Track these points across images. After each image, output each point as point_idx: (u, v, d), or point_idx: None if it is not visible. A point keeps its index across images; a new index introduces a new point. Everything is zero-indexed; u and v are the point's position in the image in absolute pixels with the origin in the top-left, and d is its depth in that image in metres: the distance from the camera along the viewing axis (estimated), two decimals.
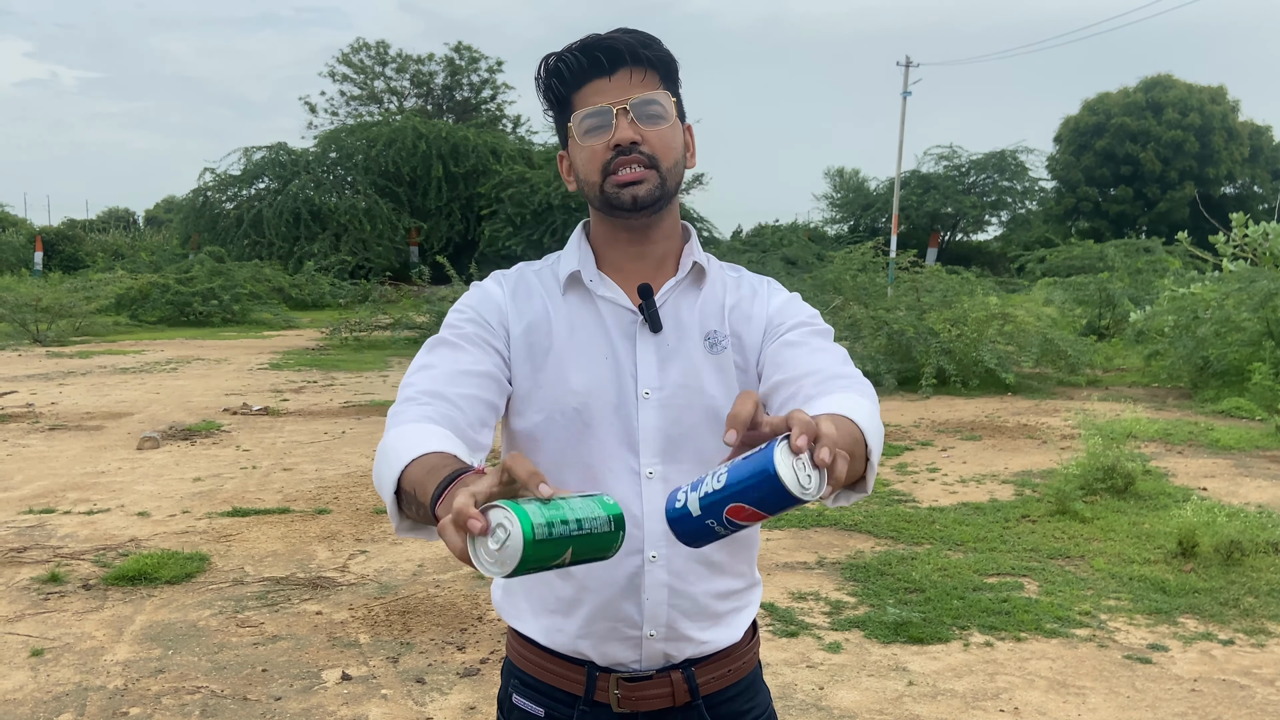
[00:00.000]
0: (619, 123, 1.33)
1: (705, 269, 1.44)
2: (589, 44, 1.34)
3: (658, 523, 1.36)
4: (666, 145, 1.35)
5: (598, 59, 1.33)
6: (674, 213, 1.43)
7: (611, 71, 1.33)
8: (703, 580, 1.40)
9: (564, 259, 1.45)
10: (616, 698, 1.40)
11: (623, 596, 1.38)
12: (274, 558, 4.96)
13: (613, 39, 1.34)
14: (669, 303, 1.41)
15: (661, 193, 1.36)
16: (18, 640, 3.92)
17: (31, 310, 15.54)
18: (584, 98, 1.35)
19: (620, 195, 1.34)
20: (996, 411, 9.54)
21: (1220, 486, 6.53)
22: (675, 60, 1.39)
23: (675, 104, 1.38)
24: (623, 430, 1.37)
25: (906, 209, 35.03)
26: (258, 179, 28.23)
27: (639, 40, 1.35)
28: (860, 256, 14.28)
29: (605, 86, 1.34)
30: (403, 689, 3.53)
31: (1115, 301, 14.36)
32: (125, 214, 54.01)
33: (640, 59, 1.34)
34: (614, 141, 1.33)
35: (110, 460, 7.10)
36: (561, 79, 1.36)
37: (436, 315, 15.13)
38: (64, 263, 28.98)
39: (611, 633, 1.39)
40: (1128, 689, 3.58)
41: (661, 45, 1.37)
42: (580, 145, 1.36)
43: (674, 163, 1.36)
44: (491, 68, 38.64)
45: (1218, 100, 35.43)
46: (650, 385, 1.38)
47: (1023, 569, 4.83)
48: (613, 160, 1.33)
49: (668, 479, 1.37)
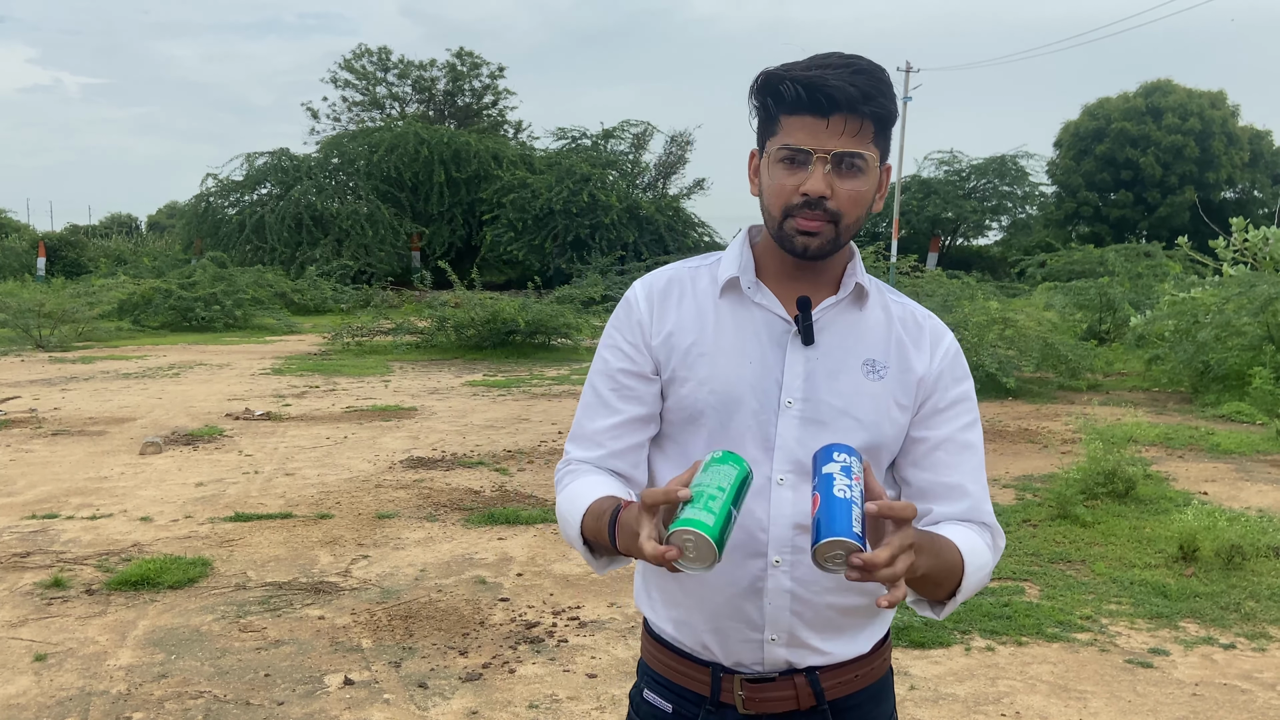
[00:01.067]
0: (815, 170, 1.32)
1: (866, 290, 1.44)
2: (814, 83, 1.30)
3: (783, 529, 1.37)
4: (854, 202, 1.34)
5: (818, 100, 1.30)
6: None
7: (828, 115, 1.31)
8: (828, 593, 1.40)
9: (724, 262, 1.46)
10: (741, 699, 1.42)
11: (744, 598, 1.39)
12: (276, 563, 4.97)
13: (838, 86, 1.29)
14: (826, 319, 1.41)
15: (834, 246, 1.37)
16: (21, 645, 3.93)
17: (34, 315, 15.56)
18: (791, 127, 1.33)
19: (794, 241, 1.36)
20: (997, 416, 9.55)
21: (1221, 491, 6.54)
22: (896, 111, 1.36)
23: (880, 153, 1.36)
24: (760, 435, 1.38)
25: (907, 214, 35.03)
26: (260, 184, 28.25)
27: (863, 92, 1.30)
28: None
29: (815, 125, 1.31)
30: (405, 694, 3.54)
31: (1116, 306, 14.36)
32: (128, 219, 54.08)
33: (858, 110, 1.31)
34: (805, 189, 1.32)
35: (113, 465, 7.11)
36: (776, 100, 1.34)
37: (438, 320, 15.16)
38: (67, 268, 28.98)
39: (733, 632, 1.41)
40: (1129, 693, 3.58)
41: (885, 97, 1.33)
42: (773, 170, 1.36)
43: (855, 218, 1.36)
44: (493, 73, 38.69)
45: (1217, 105, 35.43)
46: (794, 396, 1.39)
47: (1024, 573, 4.84)
48: (798, 206, 1.33)
49: (798, 488, 1.38)
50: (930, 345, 1.46)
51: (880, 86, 1.32)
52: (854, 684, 1.45)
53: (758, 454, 1.38)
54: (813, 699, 1.42)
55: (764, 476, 1.38)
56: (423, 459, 7.39)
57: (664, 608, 1.48)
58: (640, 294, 1.46)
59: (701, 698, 1.44)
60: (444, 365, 13.58)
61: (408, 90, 38.93)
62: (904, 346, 1.45)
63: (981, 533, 1.43)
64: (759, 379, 1.39)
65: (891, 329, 1.45)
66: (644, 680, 1.53)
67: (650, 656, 1.52)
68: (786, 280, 1.42)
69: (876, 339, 1.43)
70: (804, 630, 1.40)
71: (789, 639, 1.40)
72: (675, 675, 1.47)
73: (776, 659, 1.41)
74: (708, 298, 1.44)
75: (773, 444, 1.38)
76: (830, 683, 1.42)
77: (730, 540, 1.24)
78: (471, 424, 8.91)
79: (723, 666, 1.42)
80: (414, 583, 4.69)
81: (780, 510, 1.38)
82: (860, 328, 1.43)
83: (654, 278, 1.49)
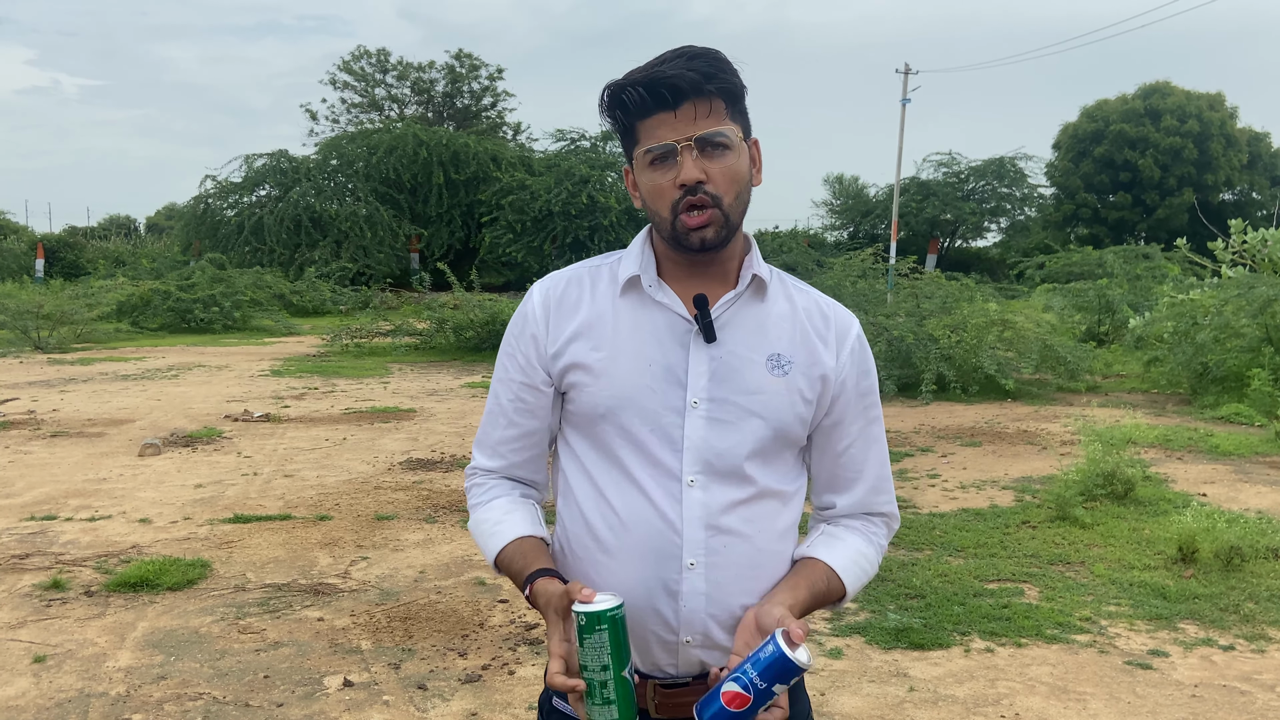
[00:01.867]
0: (684, 160, 1.33)
1: (766, 282, 1.44)
2: (654, 79, 1.32)
3: (697, 531, 1.38)
4: (731, 179, 1.35)
5: (661, 95, 1.32)
6: (738, 232, 1.44)
7: (676, 106, 1.32)
8: (743, 594, 1.40)
9: (625, 261, 1.46)
10: (654, 704, 1.42)
11: (658, 600, 1.39)
12: (275, 564, 4.97)
13: (677, 75, 1.31)
14: (727, 315, 1.41)
15: (727, 231, 1.37)
16: (20, 647, 3.93)
17: (33, 317, 15.55)
18: (649, 129, 1.35)
19: (689, 238, 1.36)
20: (996, 418, 9.55)
21: (1220, 492, 6.54)
22: (742, 85, 1.38)
23: (740, 128, 1.38)
24: (666, 437, 1.38)
25: (906, 215, 35.04)
26: (259, 186, 28.26)
27: (703, 73, 1.32)
28: (860, 263, 14.32)
29: (670, 119, 1.33)
30: (404, 695, 3.54)
31: (1114, 308, 14.38)
32: (127, 221, 54.05)
33: (704, 92, 1.33)
34: (680, 181, 1.33)
35: (112, 467, 7.11)
36: (625, 110, 1.36)
37: (437, 322, 15.16)
38: (65, 270, 28.98)
39: (647, 635, 1.40)
40: (1128, 695, 3.58)
41: (726, 73, 1.35)
42: (646, 176, 1.37)
43: (737, 195, 1.37)
44: (492, 75, 38.76)
45: (1216, 107, 35.47)
46: (700, 395, 1.38)
47: (1023, 575, 4.84)
48: (680, 200, 1.34)
49: (709, 488, 1.38)
50: (837, 340, 1.46)
51: (718, 65, 1.34)
52: None
53: (666, 455, 1.38)
54: None
55: (674, 478, 1.38)
56: (422, 460, 7.39)
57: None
58: (537, 301, 1.46)
59: None
60: (443, 367, 13.58)
61: (406, 92, 38.99)
62: (810, 340, 1.44)
63: (874, 531, 1.53)
64: (662, 380, 1.38)
65: (797, 321, 1.45)
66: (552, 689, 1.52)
67: None
68: (686, 278, 1.42)
69: (781, 333, 1.43)
70: (718, 631, 1.40)
71: (704, 640, 1.40)
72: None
73: (691, 661, 1.41)
74: (607, 298, 1.43)
75: (680, 445, 1.38)
76: None
77: (644, 545, 1.38)
78: (470, 425, 8.91)
79: (637, 670, 1.42)
80: (413, 584, 4.69)
81: (692, 513, 1.38)
82: (764, 322, 1.43)
83: (553, 280, 1.49)
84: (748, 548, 1.40)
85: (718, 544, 1.38)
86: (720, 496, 1.38)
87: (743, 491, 1.40)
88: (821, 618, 4.28)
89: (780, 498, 1.44)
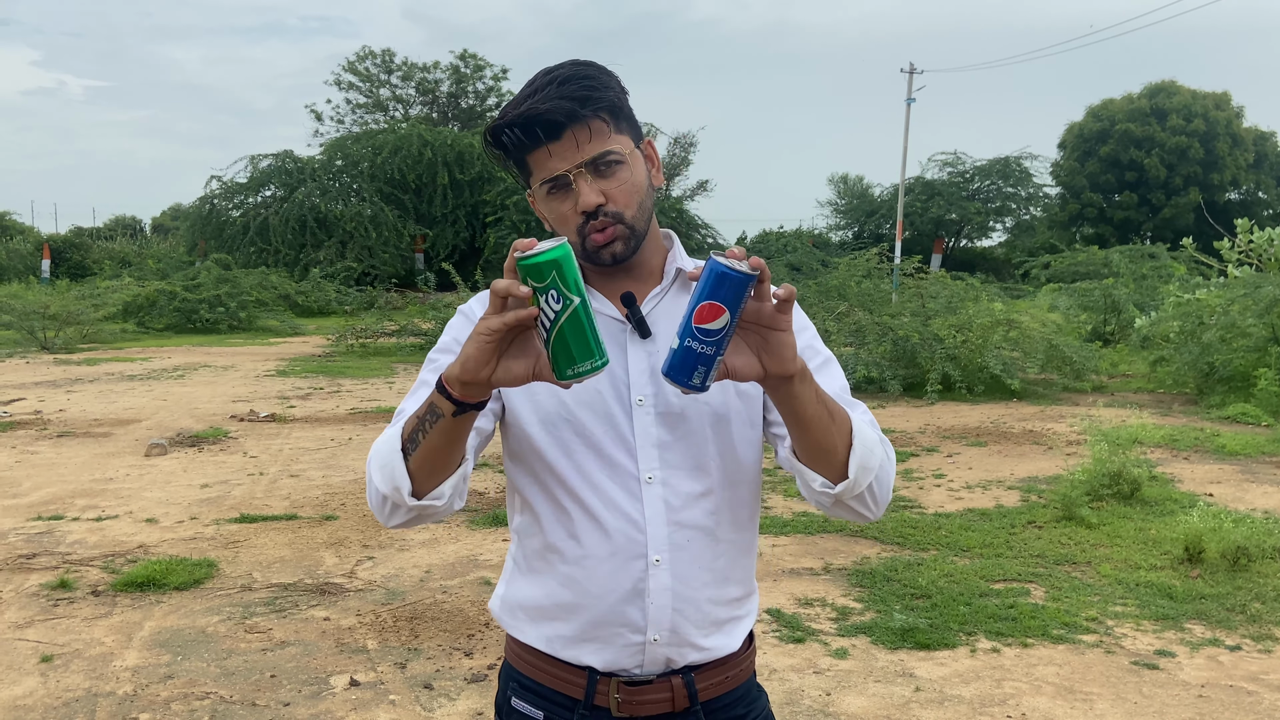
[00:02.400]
0: (579, 187, 1.33)
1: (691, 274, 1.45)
2: (529, 118, 1.31)
3: (660, 527, 1.38)
4: (629, 194, 1.36)
5: (535, 133, 1.32)
6: (653, 233, 1.45)
7: (557, 138, 1.32)
8: (707, 586, 1.41)
9: None
10: (617, 702, 1.41)
11: (626, 601, 1.38)
12: (282, 564, 4.98)
13: (551, 108, 1.30)
14: (657, 310, 1.42)
15: (635, 240, 1.38)
16: (27, 646, 3.94)
17: (39, 318, 15.59)
18: (538, 161, 1.35)
19: (601, 255, 1.37)
20: (1002, 417, 9.54)
21: (1226, 492, 6.53)
22: (622, 92, 1.37)
23: (629, 137, 1.37)
24: (618, 438, 1.38)
25: (911, 215, 35.02)
26: (264, 187, 28.29)
27: (577, 98, 1.31)
28: (864, 263, 14.29)
29: (557, 149, 1.33)
30: (410, 695, 3.54)
31: (1120, 307, 14.35)
32: (132, 222, 54.18)
33: (580, 117, 1.32)
34: (580, 209, 1.34)
35: (118, 467, 7.12)
36: (507, 149, 1.36)
37: (441, 322, 15.15)
38: (71, 270, 29.04)
39: (614, 638, 1.40)
40: (1135, 695, 3.58)
41: (601, 89, 1.33)
42: (547, 205, 1.37)
43: (639, 205, 1.37)
44: (497, 75, 38.77)
45: (1222, 106, 35.42)
46: (644, 393, 1.39)
47: (1029, 575, 4.83)
48: (585, 224, 1.35)
49: (668, 483, 1.38)
50: None
51: (591, 85, 1.33)
52: (725, 685, 1.46)
53: (621, 456, 1.38)
54: (687, 700, 1.42)
55: (631, 477, 1.38)
56: None
57: (532, 625, 1.45)
58: (477, 308, 1.45)
59: (575, 701, 1.42)
60: None
61: (411, 92, 39.02)
62: None
63: (850, 407, 1.39)
64: (605, 383, 1.38)
65: None
66: (510, 687, 1.49)
67: (517, 659, 1.48)
68: (613, 281, 1.42)
69: None
70: (686, 627, 1.40)
71: (671, 637, 1.39)
72: (546, 679, 1.44)
73: (657, 659, 1.40)
74: None
75: (633, 444, 1.38)
76: (704, 684, 1.43)
77: (608, 547, 1.36)
78: None
79: (599, 671, 1.41)
80: (419, 584, 4.70)
81: (655, 509, 1.37)
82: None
83: (489, 294, 1.48)
84: (710, 539, 1.41)
85: (681, 538, 1.38)
86: (680, 490, 1.39)
87: (702, 484, 1.40)
88: (827, 618, 4.28)
89: (740, 485, 1.43)
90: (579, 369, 1.14)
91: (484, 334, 1.14)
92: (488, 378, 1.16)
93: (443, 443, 1.25)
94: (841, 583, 4.74)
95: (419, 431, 1.25)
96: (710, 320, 1.13)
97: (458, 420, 1.22)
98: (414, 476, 1.28)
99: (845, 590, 4.64)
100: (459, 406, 1.20)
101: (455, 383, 1.18)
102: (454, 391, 1.19)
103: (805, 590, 4.62)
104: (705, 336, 1.14)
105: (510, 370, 1.17)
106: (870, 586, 4.66)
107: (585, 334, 1.13)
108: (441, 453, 1.27)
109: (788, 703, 3.47)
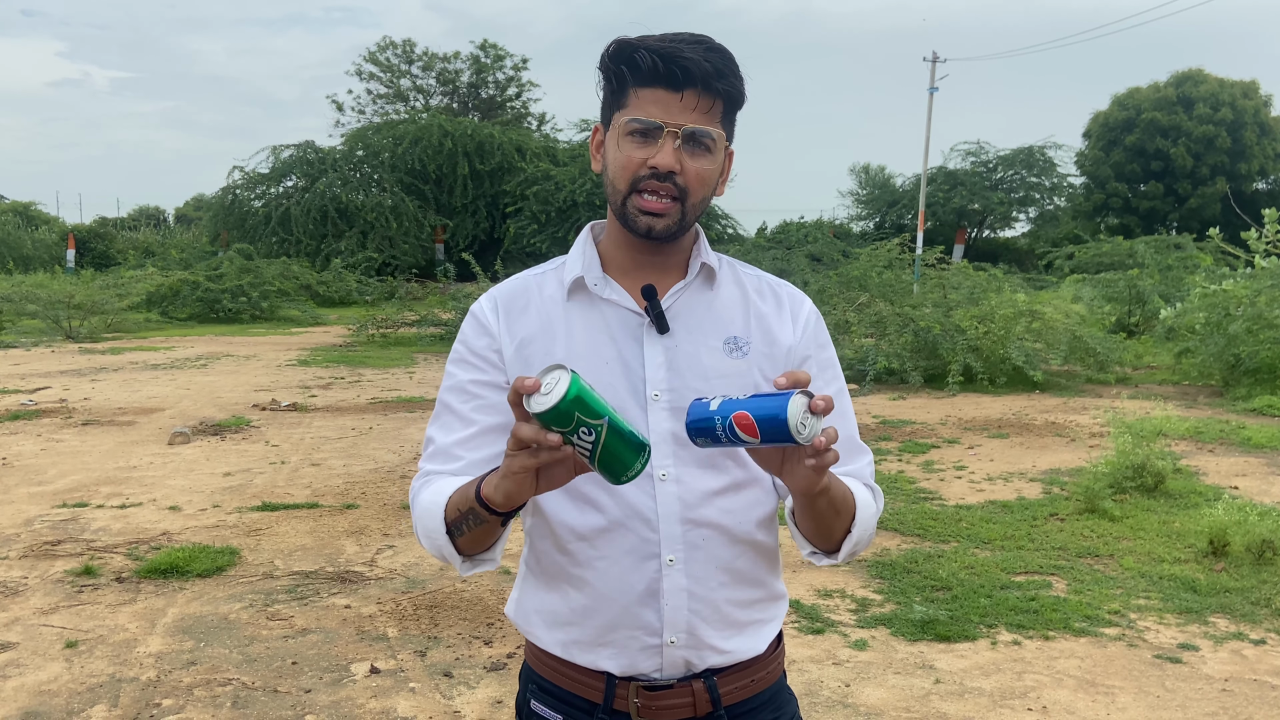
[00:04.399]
0: (665, 144, 1.29)
1: (715, 270, 1.41)
2: (669, 54, 1.27)
3: (673, 526, 1.34)
4: (701, 180, 1.32)
5: (673, 73, 1.28)
6: (689, 231, 1.41)
7: (681, 89, 1.28)
8: (723, 587, 1.38)
9: (569, 264, 1.43)
10: (636, 706, 1.37)
11: (640, 603, 1.35)
12: (303, 552, 5.01)
13: (693, 60, 1.27)
14: (678, 304, 1.39)
15: (680, 228, 1.34)
16: (52, 632, 3.98)
17: (64, 307, 15.76)
18: (642, 100, 1.30)
19: (638, 221, 1.32)
20: (1024, 409, 9.47)
21: (1252, 485, 6.46)
22: (744, 94, 1.35)
23: (727, 135, 1.35)
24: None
25: (933, 205, 34.77)
26: (286, 177, 28.44)
27: (716, 69, 1.28)
28: (886, 253, 14.21)
29: (667, 99, 1.28)
30: (430, 683, 3.56)
31: (1145, 298, 14.22)
32: (156, 212, 54.57)
33: (711, 87, 1.29)
34: (653, 163, 1.29)
35: (142, 455, 7.19)
36: (632, 68, 1.30)
37: (461, 312, 15.20)
38: (96, 260, 29.32)
39: (630, 641, 1.36)
40: (1158, 688, 3.55)
41: (737, 77, 1.32)
42: (620, 144, 1.32)
43: (702, 198, 1.34)
44: (517, 65, 38.75)
45: (1250, 95, 34.92)
46: (660, 387, 1.35)
47: (1051, 567, 4.80)
48: (645, 179, 1.30)
49: (681, 480, 1.35)
50: (791, 314, 1.43)
51: (733, 66, 1.31)
52: (750, 688, 1.41)
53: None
54: (710, 705, 1.38)
55: (645, 474, 1.33)
56: None
57: (547, 630, 1.42)
58: (487, 307, 1.42)
59: (594, 705, 1.39)
60: None
61: (431, 83, 39.06)
62: (765, 319, 1.41)
63: (853, 481, 1.41)
64: (620, 377, 1.35)
65: (749, 303, 1.42)
66: (530, 689, 1.47)
67: (537, 662, 1.45)
68: (634, 271, 1.39)
69: (734, 315, 1.40)
70: (704, 628, 1.36)
71: (689, 639, 1.36)
72: (565, 682, 1.41)
73: (676, 662, 1.37)
74: (556, 303, 1.40)
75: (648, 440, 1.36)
76: (727, 688, 1.39)
77: (621, 547, 1.33)
78: None
79: (617, 675, 1.38)
80: (439, 573, 4.72)
81: (668, 507, 1.34)
82: (715, 307, 1.40)
83: (499, 290, 1.45)
84: (727, 539, 1.37)
85: (696, 537, 1.35)
86: (695, 487, 1.35)
87: (718, 481, 1.36)
88: (846, 609, 4.27)
89: (757, 485, 1.40)
90: (632, 472, 1.13)
91: (519, 472, 1.13)
92: (530, 497, 1.18)
93: (488, 531, 1.28)
94: (861, 574, 4.72)
95: (463, 523, 1.27)
96: (744, 431, 1.11)
97: (503, 515, 1.25)
98: (462, 550, 1.32)
99: (865, 581, 4.62)
100: (504, 517, 1.23)
101: (497, 505, 1.19)
102: (497, 510, 1.20)
103: (824, 581, 4.61)
104: (731, 435, 1.13)
105: (552, 480, 1.16)
106: (890, 578, 4.64)
107: (625, 442, 1.11)
108: (489, 535, 1.30)
109: (807, 694, 3.47)
